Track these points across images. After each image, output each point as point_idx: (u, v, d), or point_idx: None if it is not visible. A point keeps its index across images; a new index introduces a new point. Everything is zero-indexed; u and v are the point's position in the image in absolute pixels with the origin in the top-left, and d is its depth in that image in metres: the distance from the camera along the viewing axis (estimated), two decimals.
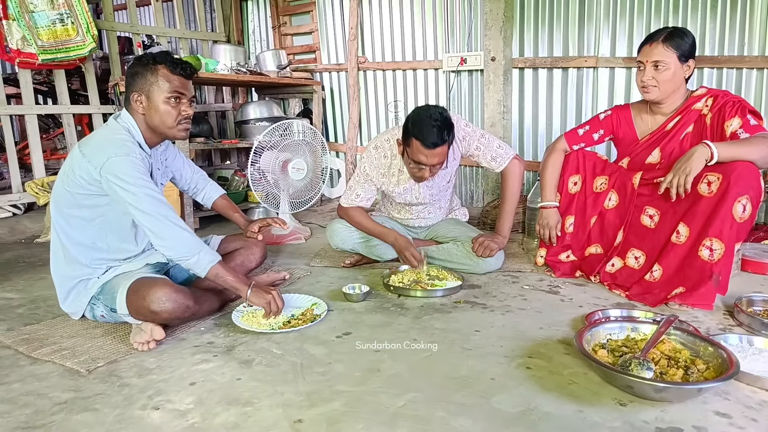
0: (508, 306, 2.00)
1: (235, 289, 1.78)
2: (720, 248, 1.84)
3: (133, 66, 1.79)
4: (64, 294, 1.84)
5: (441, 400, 1.35)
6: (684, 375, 1.37)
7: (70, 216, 1.78)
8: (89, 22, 3.67)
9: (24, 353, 1.66)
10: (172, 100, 1.77)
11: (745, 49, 2.79)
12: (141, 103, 1.77)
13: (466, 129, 2.38)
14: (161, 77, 1.76)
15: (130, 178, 1.65)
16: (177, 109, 1.79)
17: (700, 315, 1.86)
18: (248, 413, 1.31)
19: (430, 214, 2.64)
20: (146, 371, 1.53)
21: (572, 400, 1.33)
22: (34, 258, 2.85)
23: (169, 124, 1.79)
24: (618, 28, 3.15)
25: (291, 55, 4.71)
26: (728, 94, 2.05)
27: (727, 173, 1.84)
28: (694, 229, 1.92)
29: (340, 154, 4.61)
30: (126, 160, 1.67)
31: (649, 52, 2.06)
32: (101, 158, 1.66)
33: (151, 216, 1.67)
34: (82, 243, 1.79)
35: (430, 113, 2.12)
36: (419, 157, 2.15)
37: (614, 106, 2.38)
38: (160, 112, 1.77)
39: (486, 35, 3.45)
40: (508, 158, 2.38)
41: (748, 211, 1.83)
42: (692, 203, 1.94)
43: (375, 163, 2.41)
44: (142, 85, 1.76)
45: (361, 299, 2.08)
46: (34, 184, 3.60)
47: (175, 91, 1.77)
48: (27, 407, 1.36)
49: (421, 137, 2.09)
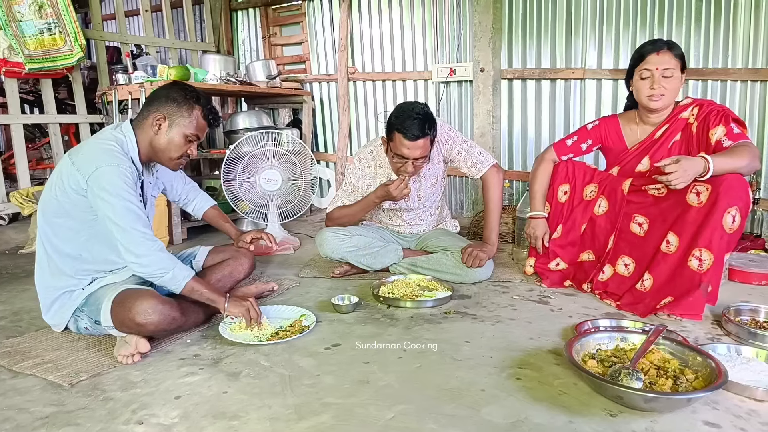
0: (499, 316, 1.99)
1: (211, 302, 1.78)
2: (709, 258, 1.85)
3: (172, 91, 1.82)
4: (47, 305, 1.81)
5: (431, 411, 1.33)
6: (673, 385, 1.37)
7: (57, 225, 1.75)
8: (77, 31, 3.65)
9: (5, 367, 1.62)
10: (188, 138, 1.82)
11: (729, 61, 2.84)
12: (160, 125, 1.79)
13: (449, 133, 2.46)
14: (193, 116, 1.81)
15: (113, 188, 1.64)
16: (186, 148, 1.84)
17: (689, 325, 1.87)
18: (235, 427, 1.28)
19: (421, 220, 2.65)
20: (131, 385, 1.50)
21: (563, 410, 1.33)
22: (18, 269, 2.80)
23: (173, 156, 1.83)
24: (604, 41, 3.19)
25: (281, 66, 4.72)
26: (713, 104, 2.08)
27: (716, 184, 1.86)
28: (683, 239, 1.93)
29: (330, 164, 4.60)
30: (115, 170, 1.66)
31: (658, 60, 2.04)
32: (90, 167, 1.65)
33: (126, 231, 1.64)
34: (68, 254, 1.76)
35: (413, 107, 2.22)
36: (402, 150, 2.21)
37: (602, 117, 2.40)
38: (173, 143, 1.81)
39: (475, 46, 3.48)
40: (488, 165, 2.44)
41: (737, 222, 1.84)
42: (681, 212, 1.96)
43: (360, 174, 2.47)
44: (171, 111, 1.79)
45: (350, 310, 2.06)
46: (19, 194, 3.55)
47: (196, 134, 1.84)
48: (7, 422, 1.32)
49: (403, 130, 2.17)
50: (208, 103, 1.87)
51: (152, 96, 1.84)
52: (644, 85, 2.08)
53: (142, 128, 1.80)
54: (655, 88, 2.05)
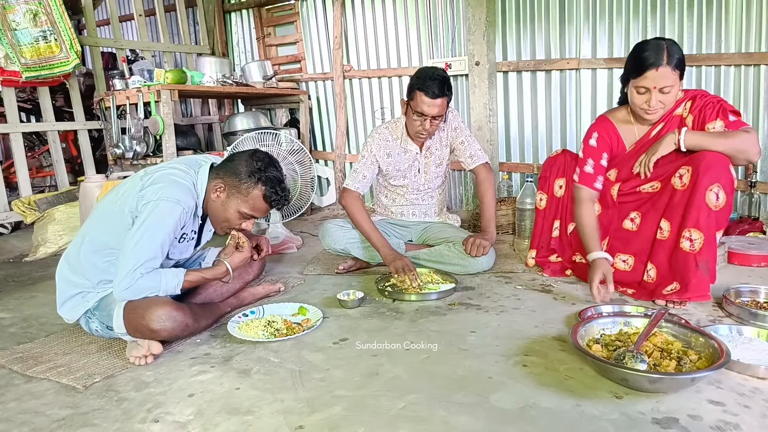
0: (503, 306, 2.02)
1: (217, 279, 1.83)
2: (699, 237, 1.87)
3: (240, 163, 1.78)
4: (63, 300, 1.82)
5: (440, 400, 1.36)
6: (677, 366, 1.40)
7: (99, 232, 1.76)
8: (72, 38, 3.66)
9: (19, 372, 1.65)
10: (242, 215, 1.80)
11: (722, 46, 2.86)
12: (219, 194, 1.78)
13: (460, 123, 2.63)
14: (251, 197, 1.77)
15: (155, 222, 1.63)
16: (239, 222, 1.82)
17: (691, 307, 1.90)
18: (249, 422, 1.31)
19: (423, 201, 2.72)
20: (144, 385, 1.53)
21: (570, 394, 1.35)
22: (24, 277, 2.82)
23: (222, 225, 1.82)
24: (598, 30, 3.21)
25: (276, 66, 4.73)
26: (706, 95, 2.03)
27: (696, 164, 1.88)
28: (674, 223, 1.94)
29: (328, 163, 4.62)
30: (172, 207, 1.65)
31: (656, 78, 1.88)
32: (153, 196, 1.65)
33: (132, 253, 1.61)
34: (99, 265, 1.76)
35: (434, 70, 2.39)
36: (422, 107, 2.35)
37: (593, 125, 2.22)
38: (226, 215, 1.79)
39: (469, 40, 3.50)
40: (482, 161, 2.60)
41: (722, 199, 1.85)
42: (669, 198, 1.98)
43: (380, 143, 2.58)
44: (233, 183, 1.77)
45: (356, 305, 2.09)
46: (21, 203, 3.56)
47: (253, 214, 1.81)
48: (25, 425, 1.35)
49: (425, 88, 2.32)
50: (274, 182, 1.78)
51: (229, 157, 1.83)
52: (640, 99, 1.97)
53: (209, 186, 1.80)
54: (652, 105, 1.94)
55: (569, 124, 3.43)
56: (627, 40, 3.12)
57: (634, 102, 2.00)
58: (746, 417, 1.23)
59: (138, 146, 3.48)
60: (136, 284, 1.63)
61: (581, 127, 3.35)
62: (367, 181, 2.56)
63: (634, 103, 2.01)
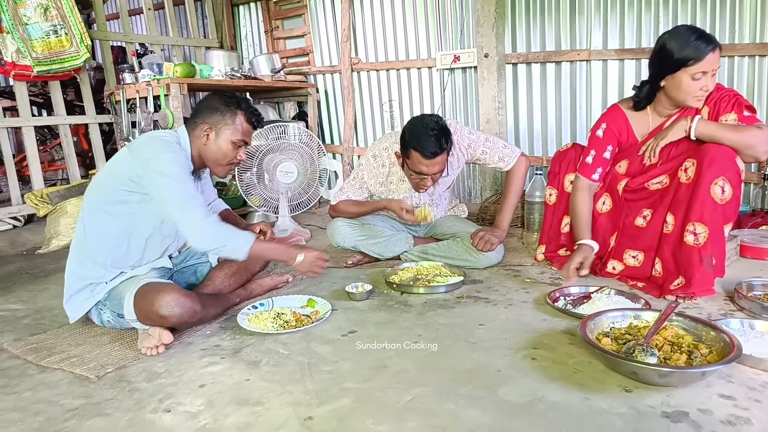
0: (511, 299, 2.02)
1: (282, 261, 1.92)
2: (704, 231, 1.84)
3: (214, 101, 1.91)
4: (69, 294, 1.85)
5: (448, 393, 1.36)
6: (687, 360, 1.39)
7: (100, 212, 1.81)
8: (83, 32, 3.67)
9: (33, 362, 1.67)
10: (236, 144, 1.89)
11: (736, 36, 2.81)
12: (207, 135, 1.87)
13: (470, 137, 2.42)
14: (237, 122, 1.88)
15: (171, 172, 1.72)
16: (235, 153, 1.91)
17: (702, 301, 1.88)
18: (258, 413, 1.32)
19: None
20: (155, 375, 1.55)
21: (578, 388, 1.35)
22: (37, 269, 2.85)
23: (222, 162, 1.91)
24: (609, 21, 3.17)
25: (284, 59, 4.73)
26: (722, 88, 1.98)
27: (701, 157, 1.86)
28: (678, 216, 1.93)
29: (336, 156, 4.62)
30: (173, 156, 1.76)
31: (713, 60, 1.86)
32: (148, 153, 1.74)
33: (184, 210, 1.72)
34: (106, 242, 1.81)
35: (426, 123, 2.16)
36: (420, 168, 2.20)
37: (603, 114, 2.20)
38: (222, 151, 1.88)
39: (478, 32, 3.47)
40: (516, 156, 2.44)
41: (728, 192, 1.83)
42: (675, 192, 1.96)
43: (373, 172, 2.46)
44: (216, 120, 1.87)
45: (364, 298, 2.09)
46: (34, 196, 3.60)
47: (243, 139, 1.91)
48: (39, 415, 1.37)
49: (420, 148, 2.14)
50: (249, 106, 1.94)
51: (197, 107, 1.93)
52: (695, 86, 1.89)
53: (194, 139, 1.89)
54: (710, 87, 1.89)
55: (579, 116, 3.39)
56: (638, 31, 3.08)
57: (685, 91, 1.91)
58: (757, 411, 1.22)
59: None
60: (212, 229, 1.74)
61: (591, 119, 3.32)
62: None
63: (685, 92, 1.92)
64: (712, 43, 1.87)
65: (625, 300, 1.88)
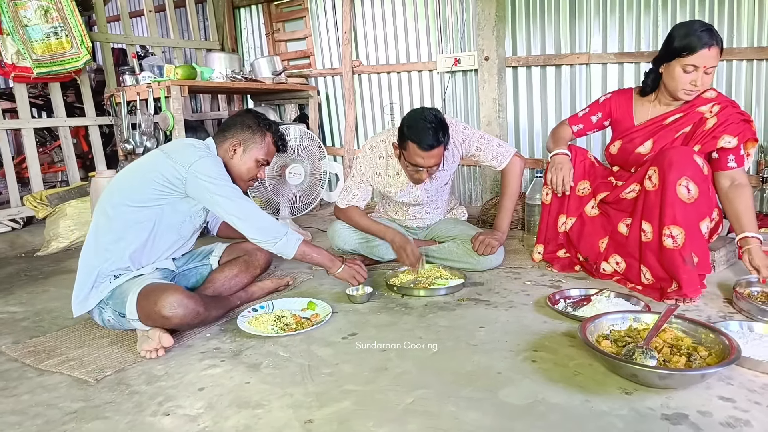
0: (512, 302, 2.02)
1: (325, 267, 2.04)
2: (680, 233, 1.86)
3: (248, 119, 2.03)
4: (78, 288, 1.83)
5: (449, 395, 1.36)
6: (687, 362, 1.39)
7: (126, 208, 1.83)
8: (83, 34, 3.67)
9: (31, 365, 1.67)
10: (259, 163, 2.02)
11: (734, 41, 2.82)
12: (235, 150, 1.99)
13: (465, 132, 2.41)
14: (265, 143, 2.02)
15: (217, 174, 1.85)
16: (257, 170, 2.04)
17: (701, 304, 1.88)
18: (259, 415, 1.32)
19: (428, 214, 2.65)
20: (155, 378, 1.54)
21: (579, 390, 1.35)
22: (36, 271, 2.85)
23: (245, 178, 2.02)
24: (609, 24, 3.18)
25: (285, 61, 4.73)
26: (736, 107, 2.01)
27: (660, 162, 1.92)
28: (654, 223, 1.95)
29: (337, 158, 4.62)
30: (214, 160, 1.88)
31: (708, 57, 1.90)
32: (191, 158, 1.82)
33: (239, 205, 1.85)
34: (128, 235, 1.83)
35: (425, 115, 2.15)
36: (416, 160, 2.19)
37: (614, 91, 2.34)
38: (246, 167, 2.00)
39: (479, 35, 3.48)
40: (509, 156, 2.43)
41: (693, 191, 1.86)
42: (644, 200, 2.00)
43: (371, 163, 2.45)
44: (246, 138, 1.99)
45: (364, 300, 2.09)
46: (33, 198, 3.60)
47: (267, 158, 2.04)
48: (38, 418, 1.37)
49: (417, 140, 2.13)
50: (278, 131, 2.08)
51: (229, 122, 2.05)
52: (684, 78, 1.95)
53: (220, 151, 1.99)
54: (697, 84, 1.94)
55: None
56: (638, 35, 3.09)
57: (674, 80, 1.98)
58: (757, 413, 1.22)
59: (148, 142, 3.51)
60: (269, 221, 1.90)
61: None
62: (358, 200, 2.46)
63: (673, 82, 1.99)
64: (712, 40, 1.89)
65: (624, 302, 1.89)
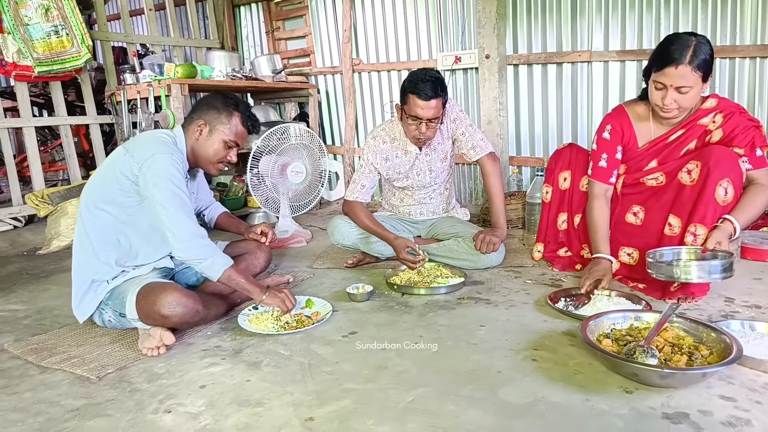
0: (512, 300, 2.02)
1: (247, 292, 1.83)
2: (703, 233, 1.85)
3: (213, 99, 1.95)
4: (77, 296, 1.84)
5: (449, 394, 1.36)
6: (688, 361, 1.39)
7: (100, 211, 1.82)
8: (84, 33, 3.68)
9: (33, 363, 1.67)
10: (227, 144, 1.93)
11: (737, 38, 2.81)
12: (201, 131, 1.91)
13: (459, 113, 2.53)
14: (232, 123, 1.93)
15: (165, 174, 1.74)
16: (226, 153, 1.95)
17: (702, 303, 1.88)
18: (259, 413, 1.32)
19: (431, 199, 2.69)
20: (156, 376, 1.55)
21: (579, 389, 1.35)
22: (38, 270, 2.86)
23: (213, 160, 1.94)
24: (610, 22, 3.17)
25: (285, 60, 4.73)
26: (743, 113, 1.92)
27: (706, 159, 1.86)
28: (683, 219, 1.93)
29: (337, 157, 4.62)
30: (168, 158, 1.76)
31: (675, 76, 1.81)
32: (145, 155, 1.75)
33: (173, 216, 1.73)
34: (107, 239, 1.82)
35: (425, 72, 2.30)
36: (416, 111, 2.28)
37: (607, 116, 2.18)
38: (213, 149, 1.92)
39: (479, 33, 3.47)
40: (486, 151, 2.51)
41: (730, 194, 1.84)
42: (677, 194, 1.96)
43: (376, 150, 2.52)
44: (212, 118, 1.91)
45: (365, 299, 2.09)
46: (34, 197, 3.60)
47: (235, 140, 1.95)
48: (40, 415, 1.37)
49: (417, 91, 2.25)
50: (247, 110, 1.97)
51: (196, 104, 1.97)
52: (657, 95, 1.90)
53: (188, 135, 1.93)
54: (666, 102, 1.87)
55: (580, 117, 3.40)
56: (640, 32, 3.08)
57: (651, 97, 1.95)
58: (758, 413, 1.22)
59: None
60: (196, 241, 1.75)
61: (592, 120, 3.32)
62: (366, 190, 2.51)
63: (651, 98, 1.95)
64: (680, 58, 1.78)
65: (625, 301, 1.88)
